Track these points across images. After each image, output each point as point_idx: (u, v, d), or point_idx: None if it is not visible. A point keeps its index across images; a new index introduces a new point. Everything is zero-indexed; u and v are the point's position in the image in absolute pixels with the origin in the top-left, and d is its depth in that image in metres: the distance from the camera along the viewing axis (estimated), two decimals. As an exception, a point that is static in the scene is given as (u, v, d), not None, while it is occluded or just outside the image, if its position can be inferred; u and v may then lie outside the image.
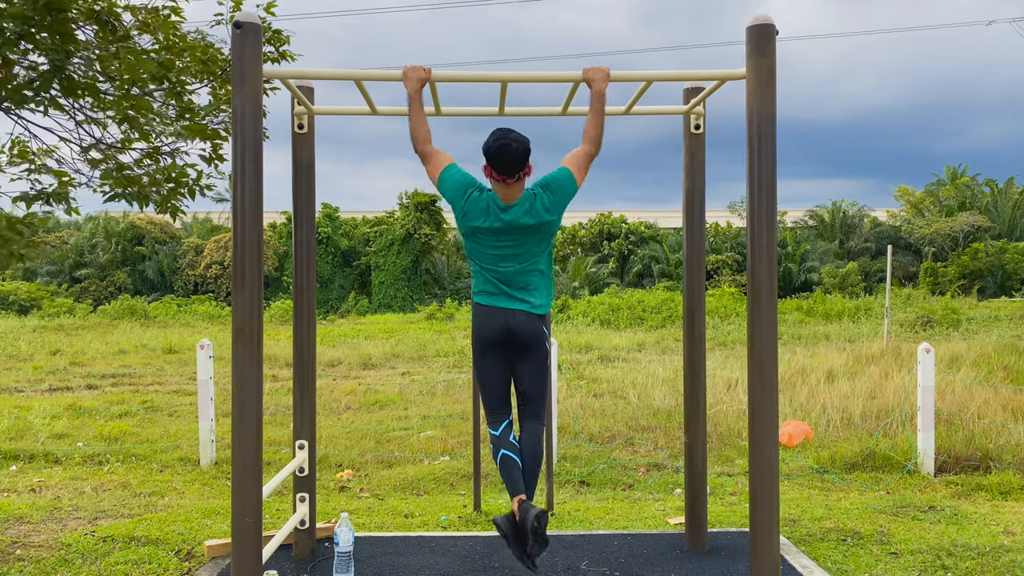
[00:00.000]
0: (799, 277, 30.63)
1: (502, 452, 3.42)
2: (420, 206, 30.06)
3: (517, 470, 3.39)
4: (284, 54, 4.66)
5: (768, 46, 3.03)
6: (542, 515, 3.20)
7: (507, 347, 3.42)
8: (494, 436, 3.48)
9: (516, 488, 3.35)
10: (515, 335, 3.38)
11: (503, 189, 3.31)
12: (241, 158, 2.98)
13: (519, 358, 3.46)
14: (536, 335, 3.41)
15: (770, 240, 3.07)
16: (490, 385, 3.50)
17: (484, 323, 3.41)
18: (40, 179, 4.18)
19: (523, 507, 3.26)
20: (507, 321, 3.37)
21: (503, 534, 3.31)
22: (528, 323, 3.38)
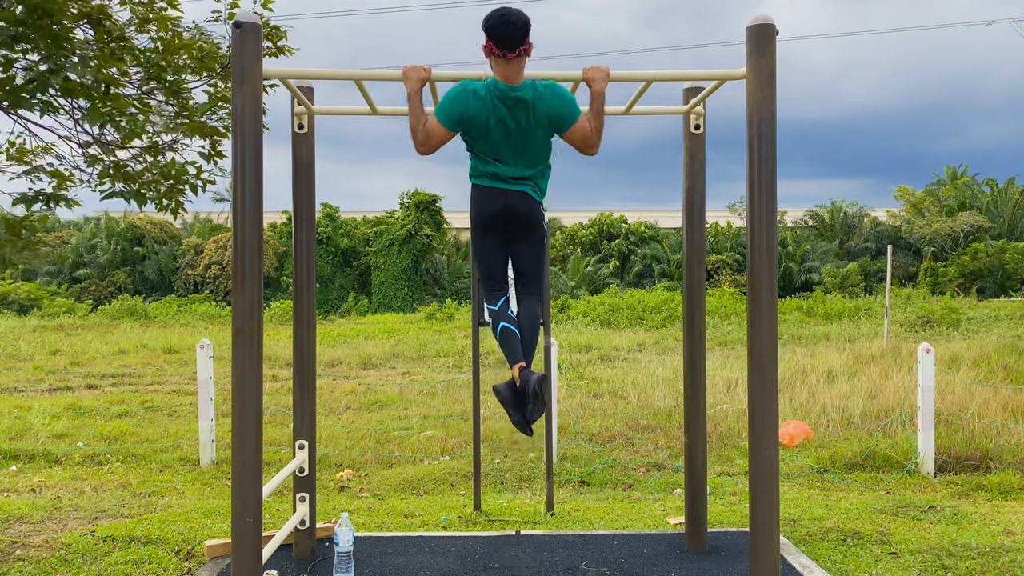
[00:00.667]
0: (799, 277, 30.64)
1: (501, 324, 3.46)
2: (421, 206, 30.06)
3: (516, 340, 3.44)
4: (282, 49, 4.66)
5: (768, 46, 3.02)
6: (542, 379, 3.27)
7: (506, 225, 3.44)
8: (492, 310, 3.53)
9: (516, 356, 3.39)
10: (514, 212, 3.40)
11: (504, 68, 3.23)
12: (241, 157, 2.98)
13: (517, 237, 3.48)
14: (535, 213, 3.44)
15: (770, 240, 3.06)
16: (488, 262, 3.54)
17: (483, 202, 3.42)
18: (40, 178, 4.18)
19: (524, 373, 3.32)
20: (507, 200, 3.39)
21: (503, 400, 3.36)
22: (527, 203, 3.41)
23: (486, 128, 3.28)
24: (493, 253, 3.53)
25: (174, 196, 4.54)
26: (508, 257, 3.58)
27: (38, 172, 4.17)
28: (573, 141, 3.36)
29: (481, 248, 3.53)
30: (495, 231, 3.46)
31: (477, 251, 3.56)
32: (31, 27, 3.47)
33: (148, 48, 4.20)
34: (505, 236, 3.48)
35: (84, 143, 4.39)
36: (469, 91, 3.26)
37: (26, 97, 3.63)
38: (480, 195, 3.42)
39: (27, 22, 3.45)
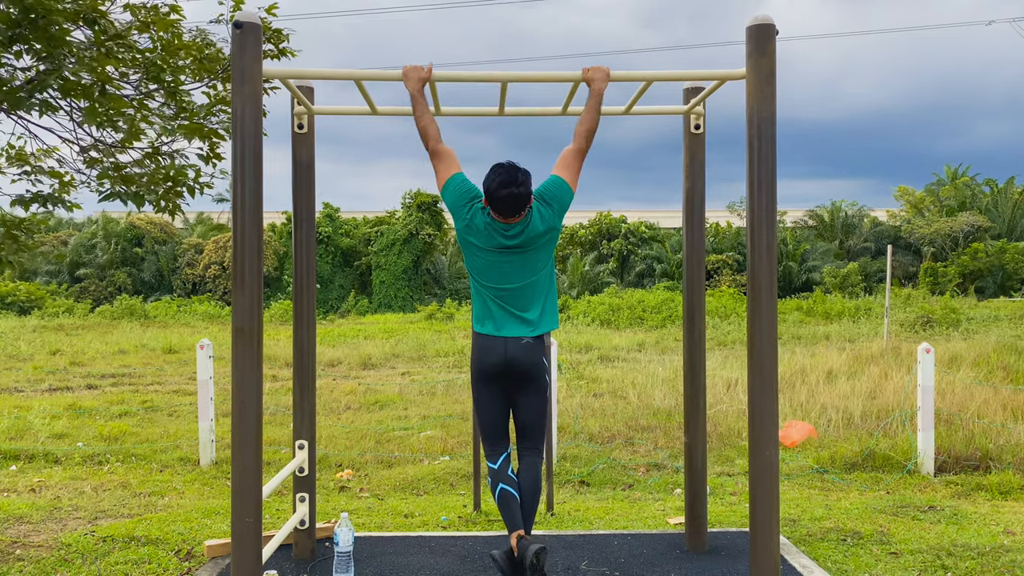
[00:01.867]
0: (799, 277, 30.63)
1: (500, 487, 3.38)
2: (422, 206, 30.06)
3: (515, 504, 3.35)
4: (284, 51, 4.66)
5: (768, 46, 3.03)
6: (541, 551, 3.16)
7: (506, 379, 3.37)
8: (492, 469, 3.45)
9: (514, 523, 3.30)
10: (514, 366, 3.32)
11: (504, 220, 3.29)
12: (241, 158, 2.98)
13: (518, 390, 3.40)
14: (536, 366, 3.35)
15: (770, 240, 3.06)
16: (488, 417, 3.46)
17: (483, 354, 3.35)
18: (40, 179, 4.18)
19: (521, 543, 3.22)
20: (507, 351, 3.31)
21: (500, 569, 3.27)
22: (527, 353, 3.33)
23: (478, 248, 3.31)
24: (493, 406, 3.44)
25: (172, 198, 4.54)
26: (509, 410, 3.49)
27: (38, 174, 4.18)
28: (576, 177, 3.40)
29: (481, 400, 3.45)
30: (495, 384, 3.39)
31: (477, 403, 3.48)
32: (27, 27, 3.47)
33: (147, 49, 4.20)
34: (506, 389, 3.40)
35: (84, 147, 4.39)
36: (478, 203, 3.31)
37: (24, 98, 3.63)
38: (480, 345, 3.37)
39: (23, 23, 3.45)
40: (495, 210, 3.24)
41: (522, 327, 3.34)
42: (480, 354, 3.37)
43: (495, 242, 3.28)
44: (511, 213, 3.22)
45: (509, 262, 3.30)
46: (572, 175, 3.36)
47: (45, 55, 3.61)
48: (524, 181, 3.22)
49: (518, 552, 3.22)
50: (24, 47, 3.65)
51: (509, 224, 3.27)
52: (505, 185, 3.18)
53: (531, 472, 3.46)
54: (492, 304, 3.35)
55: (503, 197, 3.18)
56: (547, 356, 3.45)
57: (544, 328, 3.39)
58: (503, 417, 3.49)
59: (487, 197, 3.24)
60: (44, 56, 3.63)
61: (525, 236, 3.27)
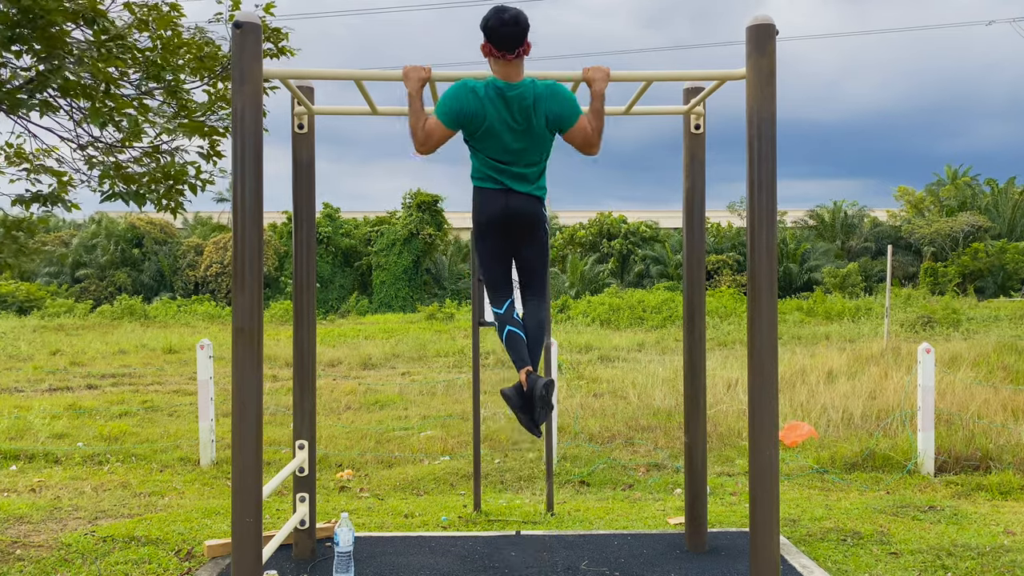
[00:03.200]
0: (800, 277, 30.64)
1: (507, 328, 3.47)
2: (422, 206, 30.07)
3: (522, 343, 3.45)
4: (283, 50, 4.67)
5: (768, 46, 3.02)
6: (549, 384, 3.29)
7: (508, 228, 3.44)
8: (498, 314, 3.54)
9: (523, 360, 3.41)
10: (516, 216, 3.40)
11: (503, 67, 3.23)
12: (241, 158, 2.98)
13: (520, 240, 3.48)
14: (536, 215, 3.44)
15: (770, 240, 3.06)
16: (492, 266, 3.54)
17: (485, 206, 3.42)
18: (40, 179, 4.18)
19: (531, 378, 3.34)
20: (508, 202, 3.38)
21: (511, 404, 3.39)
22: (528, 204, 3.41)
23: (486, 126, 3.27)
24: (496, 256, 3.52)
25: (173, 196, 4.54)
26: (511, 260, 3.58)
27: (38, 173, 4.17)
28: (573, 141, 3.35)
29: (484, 252, 3.52)
30: (497, 234, 3.45)
31: (480, 255, 3.55)
32: (27, 27, 3.47)
33: (147, 48, 4.20)
34: (508, 239, 3.47)
35: (83, 144, 4.39)
36: (468, 88, 3.25)
37: (24, 99, 3.63)
38: (482, 198, 3.42)
39: (23, 23, 3.45)
40: (494, 42, 3.17)
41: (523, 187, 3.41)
42: (482, 206, 3.43)
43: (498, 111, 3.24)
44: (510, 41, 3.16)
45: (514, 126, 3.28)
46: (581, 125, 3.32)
47: (45, 55, 3.61)
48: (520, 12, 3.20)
49: (527, 386, 3.35)
50: (24, 47, 3.65)
51: (511, 85, 3.24)
52: (498, 12, 3.16)
53: (535, 316, 3.57)
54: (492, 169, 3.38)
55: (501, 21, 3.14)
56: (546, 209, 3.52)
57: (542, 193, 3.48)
58: (506, 266, 3.58)
59: (486, 31, 3.18)
60: (44, 56, 3.63)
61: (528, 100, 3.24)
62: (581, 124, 3.32)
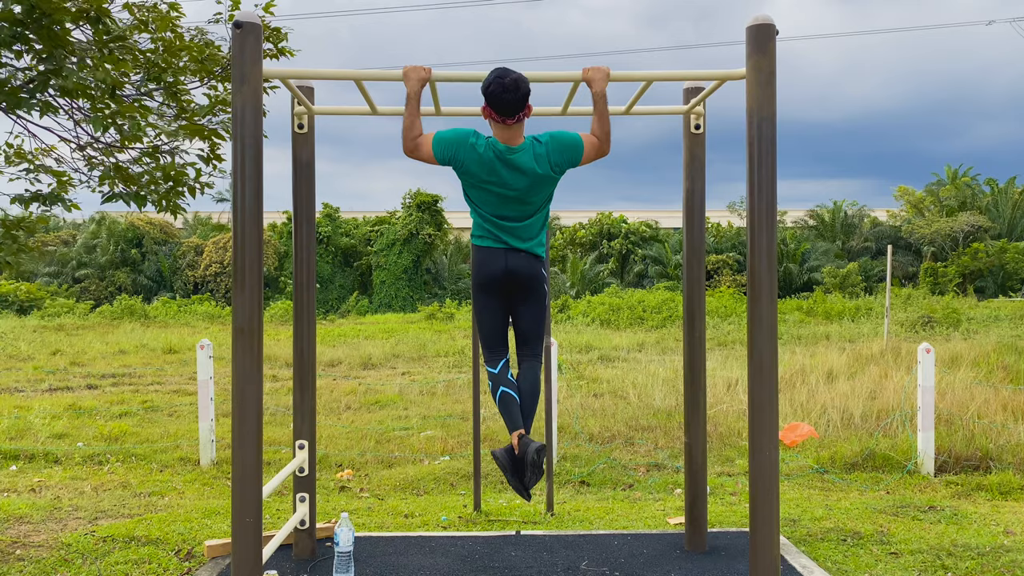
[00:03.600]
0: (800, 277, 30.63)
1: (501, 389, 3.46)
2: (422, 206, 30.07)
3: (515, 406, 3.43)
4: (283, 50, 4.67)
5: (768, 46, 3.02)
6: (541, 448, 3.27)
7: (506, 288, 3.44)
8: (492, 373, 3.52)
9: (515, 423, 3.39)
10: (515, 276, 3.40)
11: (503, 132, 3.26)
12: (241, 158, 2.98)
13: (518, 299, 3.48)
14: (535, 276, 3.44)
15: (770, 240, 3.07)
16: (489, 325, 3.53)
17: (484, 264, 3.42)
18: (40, 178, 4.18)
19: (523, 441, 3.32)
20: (507, 262, 3.38)
21: (501, 466, 3.37)
22: (528, 264, 3.41)
23: (481, 184, 3.30)
24: (493, 315, 3.50)
25: (173, 198, 4.54)
26: (508, 318, 3.54)
27: (38, 172, 4.17)
28: (588, 161, 3.38)
29: (481, 309, 3.50)
30: (495, 293, 3.44)
31: (477, 312, 3.53)
32: (30, 27, 3.47)
33: (148, 49, 4.20)
34: (506, 298, 3.46)
35: (83, 144, 4.39)
36: (470, 143, 3.27)
37: (25, 98, 3.63)
38: (480, 257, 3.42)
39: (26, 22, 3.44)
40: (494, 107, 3.20)
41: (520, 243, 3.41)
42: (481, 264, 3.44)
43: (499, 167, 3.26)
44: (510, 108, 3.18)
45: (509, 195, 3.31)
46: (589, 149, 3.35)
47: (46, 55, 3.61)
48: (518, 77, 3.20)
49: (519, 450, 3.32)
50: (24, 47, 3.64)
51: (511, 148, 3.26)
52: (498, 77, 3.18)
53: (530, 376, 3.55)
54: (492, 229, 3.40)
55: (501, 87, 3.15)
56: (545, 268, 3.53)
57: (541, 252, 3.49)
58: (503, 325, 3.56)
59: (485, 95, 3.21)
60: (45, 56, 3.62)
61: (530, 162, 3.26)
62: (588, 145, 3.34)
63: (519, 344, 3.60)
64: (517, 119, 3.23)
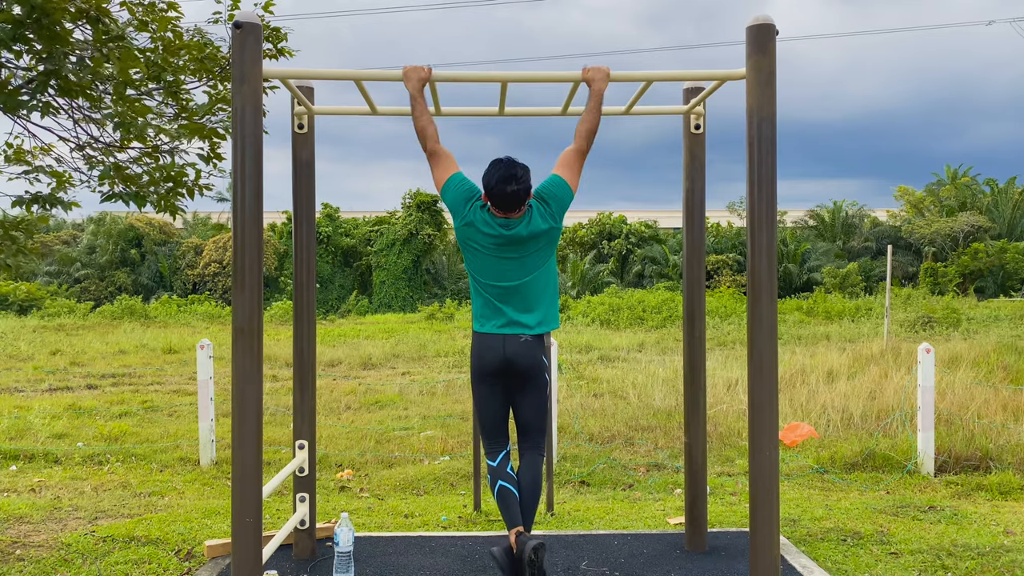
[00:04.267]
0: (800, 278, 30.63)
1: (499, 484, 3.39)
2: (422, 206, 30.07)
3: (514, 502, 3.36)
4: (282, 50, 4.67)
5: (768, 46, 3.02)
6: (539, 548, 3.17)
7: (505, 377, 3.38)
8: (491, 467, 3.46)
9: (513, 520, 3.32)
10: (513, 365, 3.33)
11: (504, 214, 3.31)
12: (241, 158, 2.98)
13: (517, 388, 3.41)
14: (535, 365, 3.36)
15: (770, 240, 3.06)
16: (488, 415, 3.46)
17: (482, 352, 3.36)
18: (39, 179, 4.18)
19: (520, 539, 3.23)
20: (505, 350, 3.32)
21: (498, 565, 3.29)
22: (527, 352, 3.33)
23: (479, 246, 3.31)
24: (493, 404, 3.45)
25: (172, 198, 4.53)
26: (508, 407, 3.49)
27: (37, 173, 4.17)
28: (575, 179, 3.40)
29: (480, 398, 3.45)
30: (494, 382, 3.40)
31: (476, 401, 3.48)
32: (29, 27, 3.47)
33: (148, 48, 4.20)
34: (505, 387, 3.41)
35: (81, 144, 4.38)
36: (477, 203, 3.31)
37: (25, 100, 3.63)
38: (479, 343, 3.38)
39: (25, 22, 3.44)
40: (495, 206, 3.25)
41: (521, 326, 3.35)
42: (479, 352, 3.38)
43: (495, 240, 3.28)
44: (511, 208, 3.24)
45: (508, 260, 3.31)
46: (573, 175, 3.37)
47: (46, 55, 3.61)
48: (523, 176, 3.23)
49: (517, 549, 3.23)
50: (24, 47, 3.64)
51: (509, 220, 3.28)
52: (504, 180, 3.20)
53: (531, 470, 3.46)
54: (492, 302, 3.35)
55: (503, 193, 3.20)
56: (547, 355, 3.45)
57: (544, 328, 3.40)
58: (502, 415, 3.49)
59: (486, 193, 3.26)
60: (44, 56, 3.62)
61: (525, 234, 3.28)
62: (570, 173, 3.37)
63: (520, 435, 3.52)
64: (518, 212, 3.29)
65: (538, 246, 3.33)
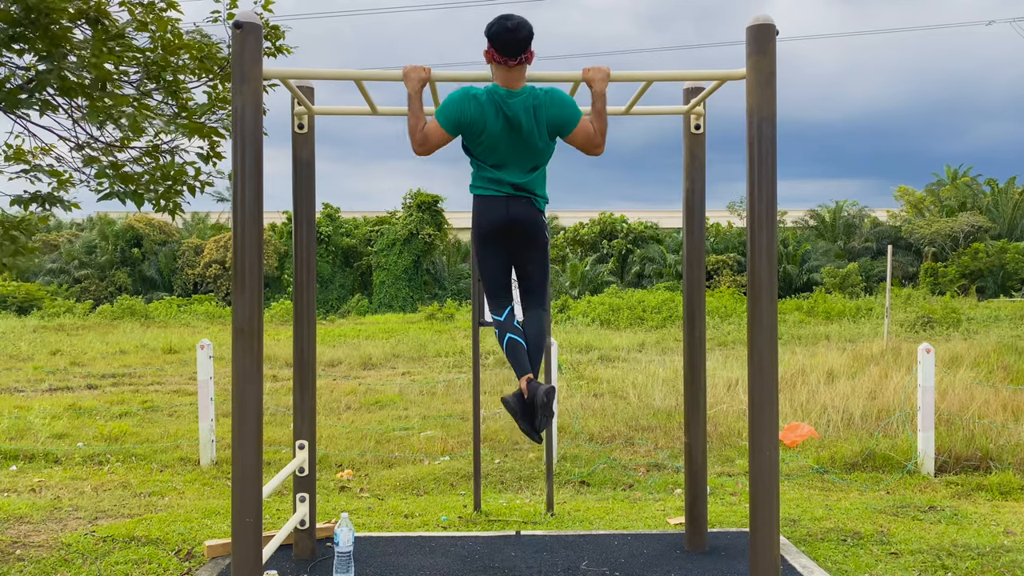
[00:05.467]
0: (800, 278, 30.63)
1: (508, 336, 3.47)
2: (423, 206, 30.07)
3: (523, 351, 3.45)
4: (281, 48, 4.67)
5: (768, 46, 3.02)
6: (550, 391, 3.30)
7: (508, 236, 3.43)
8: (498, 321, 3.54)
9: (523, 368, 3.41)
10: (516, 224, 3.39)
11: (505, 74, 3.24)
12: (241, 158, 2.98)
13: (520, 248, 3.48)
14: (537, 224, 3.44)
15: (770, 240, 3.06)
16: (492, 274, 3.53)
17: (485, 213, 3.41)
18: (39, 178, 4.18)
19: (531, 385, 3.34)
20: (508, 210, 3.37)
21: (511, 410, 3.40)
22: (528, 212, 3.40)
23: (486, 133, 3.28)
24: (496, 264, 3.51)
25: (172, 197, 4.53)
26: (511, 267, 3.57)
27: (37, 172, 4.17)
28: (575, 142, 3.36)
29: (484, 259, 3.51)
30: (498, 242, 3.45)
31: (480, 262, 3.54)
32: (29, 27, 3.47)
33: (147, 48, 4.20)
34: (508, 246, 3.47)
35: (81, 144, 4.38)
36: (470, 96, 3.27)
37: (25, 98, 3.63)
38: (481, 206, 3.42)
39: (25, 22, 3.44)
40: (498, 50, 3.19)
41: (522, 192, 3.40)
42: (482, 214, 3.43)
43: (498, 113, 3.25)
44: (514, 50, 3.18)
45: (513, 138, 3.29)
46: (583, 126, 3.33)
47: (45, 54, 3.61)
48: (521, 19, 3.21)
49: (528, 393, 3.35)
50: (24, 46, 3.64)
51: (512, 92, 3.25)
52: (502, 19, 3.19)
53: (536, 324, 3.57)
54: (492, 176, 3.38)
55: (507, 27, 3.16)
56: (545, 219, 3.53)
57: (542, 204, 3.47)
58: (505, 274, 3.57)
59: (489, 36, 3.20)
60: (44, 56, 3.62)
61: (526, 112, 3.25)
62: (582, 126, 3.33)
63: (523, 294, 3.62)
64: (519, 60, 3.22)
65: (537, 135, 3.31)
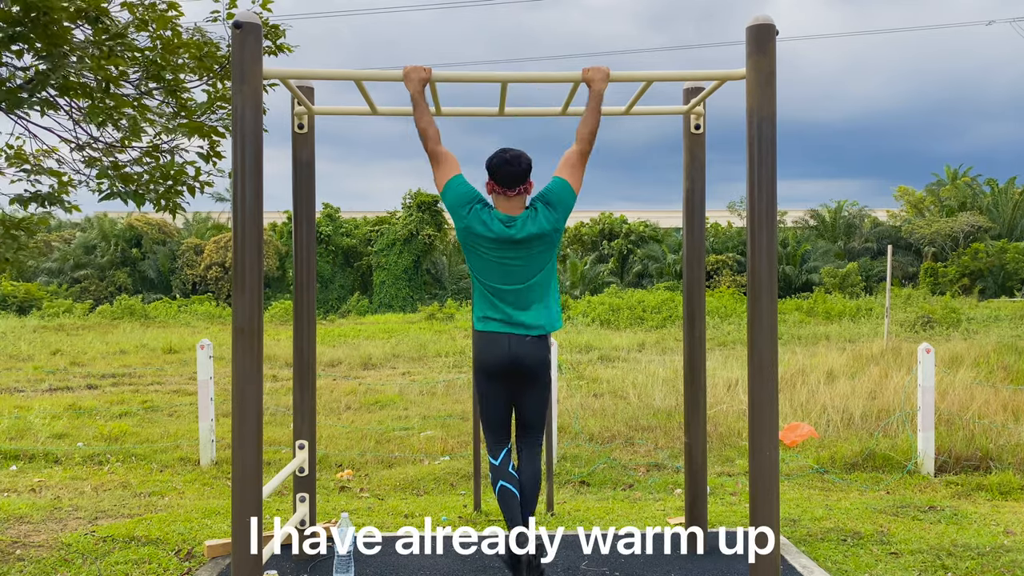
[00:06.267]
0: (800, 278, 30.62)
1: (501, 484, 3.43)
2: (422, 206, 30.07)
3: (515, 502, 3.42)
4: (281, 47, 4.67)
5: (768, 46, 3.02)
6: (539, 548, 3.30)
7: (510, 375, 3.40)
8: (494, 465, 3.50)
9: (514, 520, 3.38)
10: (518, 364, 3.36)
11: (504, 203, 3.33)
12: (241, 158, 2.98)
13: (522, 386, 3.44)
14: (539, 364, 3.39)
15: (770, 240, 3.06)
16: (492, 413, 3.50)
17: (486, 351, 3.37)
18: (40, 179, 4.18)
19: (520, 540, 3.32)
20: (510, 348, 3.34)
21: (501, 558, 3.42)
22: (531, 351, 3.36)
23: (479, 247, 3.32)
24: (496, 403, 3.48)
25: (172, 197, 4.53)
26: (512, 405, 3.53)
27: (37, 173, 4.17)
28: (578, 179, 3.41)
29: (484, 396, 3.49)
30: (499, 380, 3.42)
31: (480, 399, 3.52)
32: (28, 26, 3.47)
33: (147, 47, 4.20)
34: (509, 386, 3.44)
35: (82, 144, 4.38)
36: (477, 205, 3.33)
37: (25, 98, 3.63)
38: (483, 342, 3.39)
39: (24, 21, 3.44)
40: (497, 182, 3.30)
41: (525, 327, 3.36)
42: (483, 351, 3.39)
43: (496, 242, 3.29)
44: (512, 182, 3.28)
45: (511, 261, 3.32)
46: (575, 177, 3.38)
47: (45, 54, 3.61)
48: (520, 154, 3.32)
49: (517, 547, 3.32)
50: (24, 46, 3.64)
51: (510, 217, 3.29)
52: (505, 151, 3.30)
53: (532, 465, 3.54)
54: (495, 303, 3.37)
55: (503, 160, 3.26)
56: (549, 353, 3.49)
57: (547, 329, 3.42)
58: (506, 413, 3.53)
59: (489, 171, 3.31)
60: (44, 56, 3.62)
61: (526, 234, 3.28)
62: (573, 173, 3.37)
63: (520, 431, 3.58)
64: (518, 192, 3.31)
65: (541, 247, 3.34)
